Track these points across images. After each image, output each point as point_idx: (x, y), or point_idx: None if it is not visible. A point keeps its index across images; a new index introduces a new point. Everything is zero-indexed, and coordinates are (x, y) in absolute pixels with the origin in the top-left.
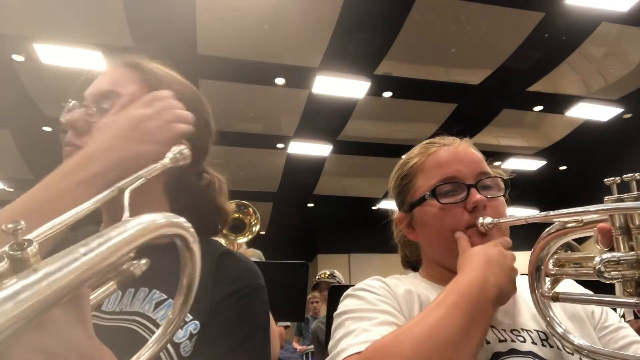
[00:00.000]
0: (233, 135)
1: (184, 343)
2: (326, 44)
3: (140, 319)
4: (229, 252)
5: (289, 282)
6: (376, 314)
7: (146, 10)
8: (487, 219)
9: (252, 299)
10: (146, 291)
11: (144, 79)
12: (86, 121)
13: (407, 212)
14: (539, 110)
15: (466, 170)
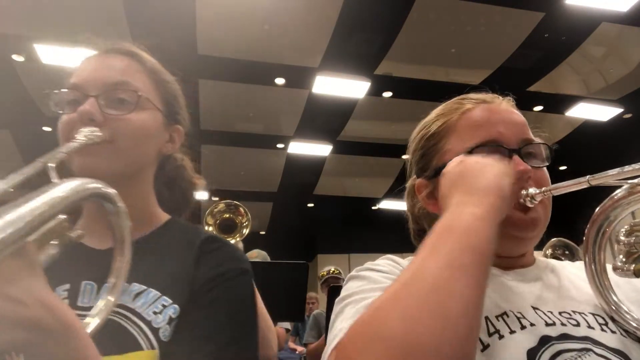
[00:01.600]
0: (233, 135)
1: (163, 328)
2: (326, 44)
3: (120, 309)
4: (213, 237)
5: (289, 282)
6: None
7: (146, 10)
8: (532, 189)
9: (236, 283)
10: (125, 285)
11: (146, 69)
12: (102, 113)
13: (430, 179)
14: (539, 110)
15: (509, 134)
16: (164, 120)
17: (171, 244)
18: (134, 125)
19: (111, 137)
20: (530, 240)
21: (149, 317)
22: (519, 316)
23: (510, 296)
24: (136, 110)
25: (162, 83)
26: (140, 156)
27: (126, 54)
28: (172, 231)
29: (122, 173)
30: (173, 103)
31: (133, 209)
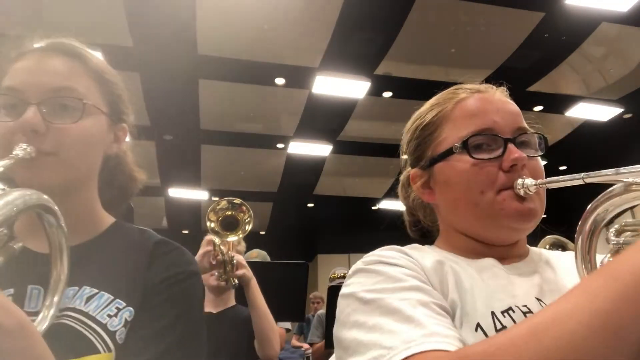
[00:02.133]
0: (233, 135)
1: (120, 331)
2: (326, 44)
3: (72, 313)
4: (163, 240)
5: (289, 282)
6: (404, 293)
7: (146, 10)
8: (528, 180)
9: (185, 285)
10: (75, 289)
11: (89, 70)
12: (45, 122)
13: (425, 169)
14: (539, 110)
15: (503, 123)
16: (108, 122)
17: (120, 247)
18: (79, 135)
19: (54, 149)
20: (524, 231)
21: (103, 320)
22: (525, 310)
23: (512, 290)
24: (81, 119)
25: (107, 84)
26: (86, 165)
27: (67, 53)
28: (119, 234)
29: (67, 185)
30: (118, 103)
31: (78, 216)
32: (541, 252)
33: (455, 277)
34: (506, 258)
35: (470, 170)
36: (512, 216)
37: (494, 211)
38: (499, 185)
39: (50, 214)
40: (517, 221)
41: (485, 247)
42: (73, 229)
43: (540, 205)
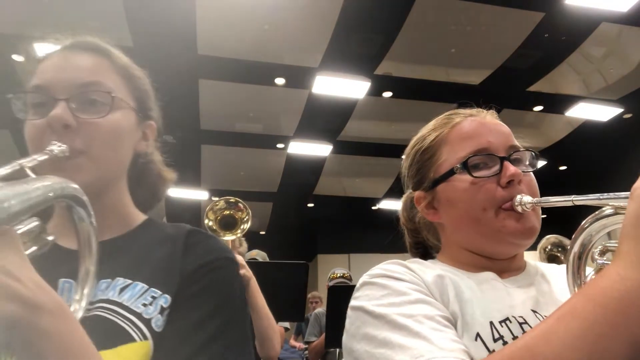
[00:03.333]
0: (233, 135)
1: (155, 318)
2: (326, 44)
3: (106, 304)
4: (196, 229)
5: (289, 282)
6: (411, 306)
7: (146, 10)
8: (526, 198)
9: (222, 271)
10: (108, 282)
11: (115, 66)
12: (75, 117)
13: (428, 190)
14: (539, 110)
15: (497, 142)
16: (136, 118)
17: (153, 239)
18: (108, 129)
19: (85, 147)
20: (525, 246)
21: (138, 309)
22: (521, 321)
23: (510, 301)
24: (110, 113)
25: (133, 79)
26: (116, 162)
27: (93, 50)
28: (151, 228)
29: (98, 184)
30: (145, 99)
31: (110, 214)
32: (537, 266)
33: (456, 289)
34: (505, 271)
35: (471, 188)
36: (513, 234)
37: (496, 228)
38: (498, 201)
39: (81, 207)
40: (518, 238)
41: (486, 261)
42: (105, 226)
43: (537, 222)
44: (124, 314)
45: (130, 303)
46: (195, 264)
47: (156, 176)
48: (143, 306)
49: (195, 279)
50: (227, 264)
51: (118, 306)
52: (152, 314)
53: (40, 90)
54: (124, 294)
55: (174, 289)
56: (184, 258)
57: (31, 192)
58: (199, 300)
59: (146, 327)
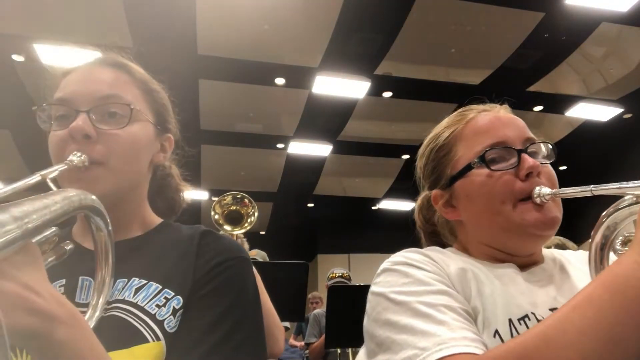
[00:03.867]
0: (233, 135)
1: (168, 319)
2: (326, 44)
3: (122, 304)
4: (209, 230)
5: (289, 282)
6: (433, 296)
7: (146, 10)
8: (545, 189)
9: (235, 271)
10: (124, 281)
11: (135, 80)
12: (95, 128)
13: (445, 188)
14: (539, 110)
15: (513, 135)
16: (155, 130)
17: (169, 240)
18: (127, 140)
19: (104, 158)
20: (548, 238)
21: (152, 310)
22: (540, 319)
23: (529, 298)
24: (129, 124)
25: (152, 93)
26: (134, 172)
27: (113, 65)
28: (168, 230)
29: (117, 191)
30: (163, 112)
31: (129, 216)
32: (554, 257)
33: (478, 284)
34: (525, 265)
35: (490, 182)
36: (535, 225)
37: (517, 221)
38: (517, 194)
39: (100, 217)
40: (540, 229)
41: (507, 256)
42: (123, 228)
43: (559, 212)
44: (138, 314)
45: (144, 304)
46: (208, 264)
47: (174, 190)
48: (157, 307)
49: (208, 279)
50: (240, 263)
51: (133, 307)
52: (165, 315)
53: (63, 103)
54: (139, 295)
55: (187, 290)
56: (197, 259)
57: (51, 206)
58: (211, 301)
59: (159, 328)
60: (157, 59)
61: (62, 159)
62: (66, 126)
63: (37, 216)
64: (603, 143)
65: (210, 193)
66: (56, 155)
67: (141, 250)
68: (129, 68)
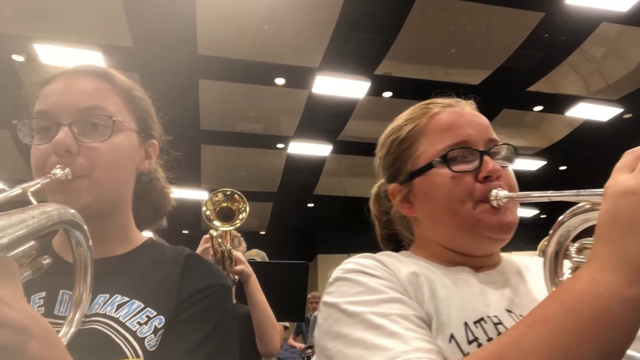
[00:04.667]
0: (233, 135)
1: (149, 337)
2: (326, 44)
3: (102, 318)
4: (193, 254)
5: (289, 282)
6: (386, 305)
7: (146, 10)
8: (502, 192)
9: (218, 298)
10: (106, 297)
11: (116, 89)
12: (77, 142)
13: (404, 183)
14: (539, 110)
15: (476, 135)
16: (138, 138)
17: (153, 259)
18: (110, 153)
19: (87, 171)
20: (504, 241)
21: (133, 327)
22: (496, 321)
23: (484, 300)
24: (112, 136)
25: (134, 100)
26: (118, 183)
27: (93, 73)
28: (152, 249)
29: (101, 204)
30: (146, 119)
31: (112, 236)
32: (512, 261)
33: (431, 288)
34: (481, 267)
35: (450, 182)
36: (491, 228)
37: (473, 221)
38: (476, 197)
39: (79, 231)
40: (495, 232)
41: (462, 257)
42: (108, 245)
43: (514, 217)
44: (119, 330)
45: (126, 320)
46: (191, 289)
47: (159, 194)
48: (138, 324)
49: (190, 304)
50: (222, 291)
51: (114, 322)
52: (146, 333)
53: (45, 116)
54: (121, 311)
55: (169, 311)
56: (181, 281)
57: (27, 220)
58: (193, 325)
59: (139, 345)
60: (157, 59)
61: (44, 172)
62: (48, 139)
63: (12, 231)
64: (603, 143)
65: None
66: (38, 168)
67: (125, 268)
68: (109, 76)
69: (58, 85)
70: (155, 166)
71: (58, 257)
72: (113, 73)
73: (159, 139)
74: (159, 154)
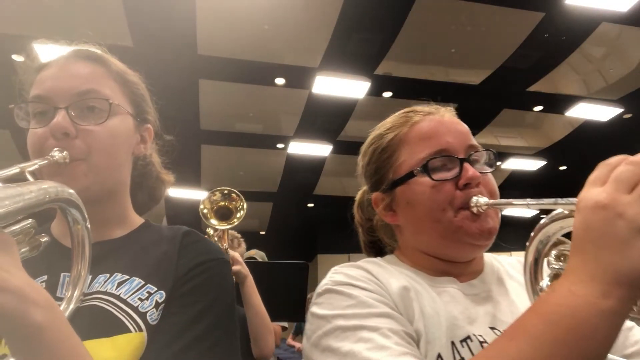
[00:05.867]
0: (233, 135)
1: (150, 311)
2: (326, 44)
3: (103, 295)
4: (191, 231)
5: (289, 282)
6: (374, 320)
7: (146, 10)
8: (482, 199)
9: (216, 271)
10: (107, 276)
11: (111, 73)
12: (74, 125)
13: (386, 192)
14: (539, 110)
15: (456, 142)
16: (134, 122)
17: (151, 239)
18: (107, 135)
19: (84, 154)
20: (485, 247)
21: (134, 303)
22: (481, 340)
23: (469, 316)
24: (108, 119)
25: (129, 84)
26: (115, 166)
27: (89, 58)
28: (150, 230)
29: (98, 187)
30: (141, 103)
31: (111, 216)
32: (493, 265)
33: (420, 304)
34: (464, 274)
35: (431, 191)
36: (472, 235)
37: (454, 229)
38: (457, 204)
39: (76, 210)
40: (476, 239)
41: (445, 264)
42: (107, 228)
43: (495, 223)
44: (120, 306)
45: (127, 297)
46: (190, 263)
47: (155, 179)
48: (139, 300)
49: (189, 278)
50: (220, 264)
51: (115, 298)
52: (147, 307)
53: (41, 100)
54: (121, 288)
55: (169, 286)
56: (179, 257)
57: (25, 194)
58: (191, 299)
59: (141, 319)
60: (157, 59)
61: (41, 155)
62: (45, 123)
63: (10, 202)
64: (603, 143)
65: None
66: (35, 152)
67: (124, 249)
68: (104, 60)
69: (53, 70)
70: (150, 151)
71: (57, 242)
72: (108, 57)
73: (154, 123)
74: (153, 139)
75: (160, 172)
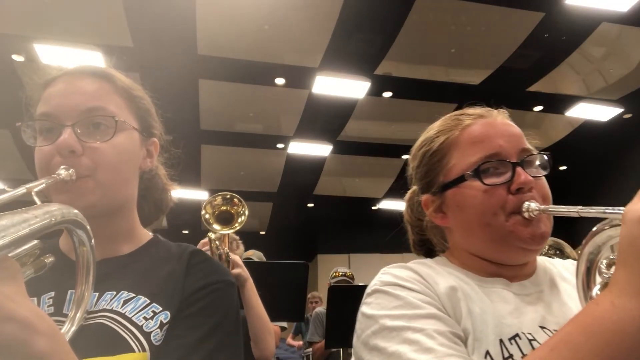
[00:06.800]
0: (233, 135)
1: (155, 332)
2: (326, 44)
3: (109, 314)
4: (199, 250)
5: (289, 282)
6: (422, 321)
7: (146, 10)
8: (533, 204)
9: (222, 293)
10: (113, 293)
11: (117, 89)
12: (81, 142)
13: (436, 194)
14: (539, 110)
15: (509, 146)
16: (140, 137)
17: (158, 257)
18: (113, 152)
19: (91, 171)
20: (537, 252)
21: (139, 322)
22: (530, 338)
23: (519, 316)
24: (114, 136)
25: (134, 100)
26: (121, 182)
27: (95, 74)
28: (158, 247)
29: (105, 203)
30: (147, 118)
31: (119, 232)
32: (546, 267)
33: (468, 303)
34: (515, 277)
35: (482, 195)
36: (523, 239)
37: (506, 233)
38: (508, 209)
39: (82, 231)
40: (529, 244)
41: (497, 267)
42: (114, 245)
43: (547, 227)
44: (125, 324)
45: (132, 315)
46: (197, 284)
47: (161, 191)
48: (144, 319)
49: (196, 299)
50: (227, 286)
51: (121, 317)
52: (152, 327)
53: (48, 118)
54: (127, 306)
55: (174, 306)
56: (186, 278)
57: (30, 220)
58: (198, 320)
59: (145, 339)
60: (157, 59)
61: (48, 173)
62: (52, 140)
63: (15, 230)
64: (603, 143)
65: (210, 193)
66: (42, 169)
67: (130, 266)
68: (110, 76)
69: (60, 87)
70: (156, 164)
71: (65, 257)
72: (113, 73)
73: (160, 137)
74: (159, 151)
75: (165, 183)
